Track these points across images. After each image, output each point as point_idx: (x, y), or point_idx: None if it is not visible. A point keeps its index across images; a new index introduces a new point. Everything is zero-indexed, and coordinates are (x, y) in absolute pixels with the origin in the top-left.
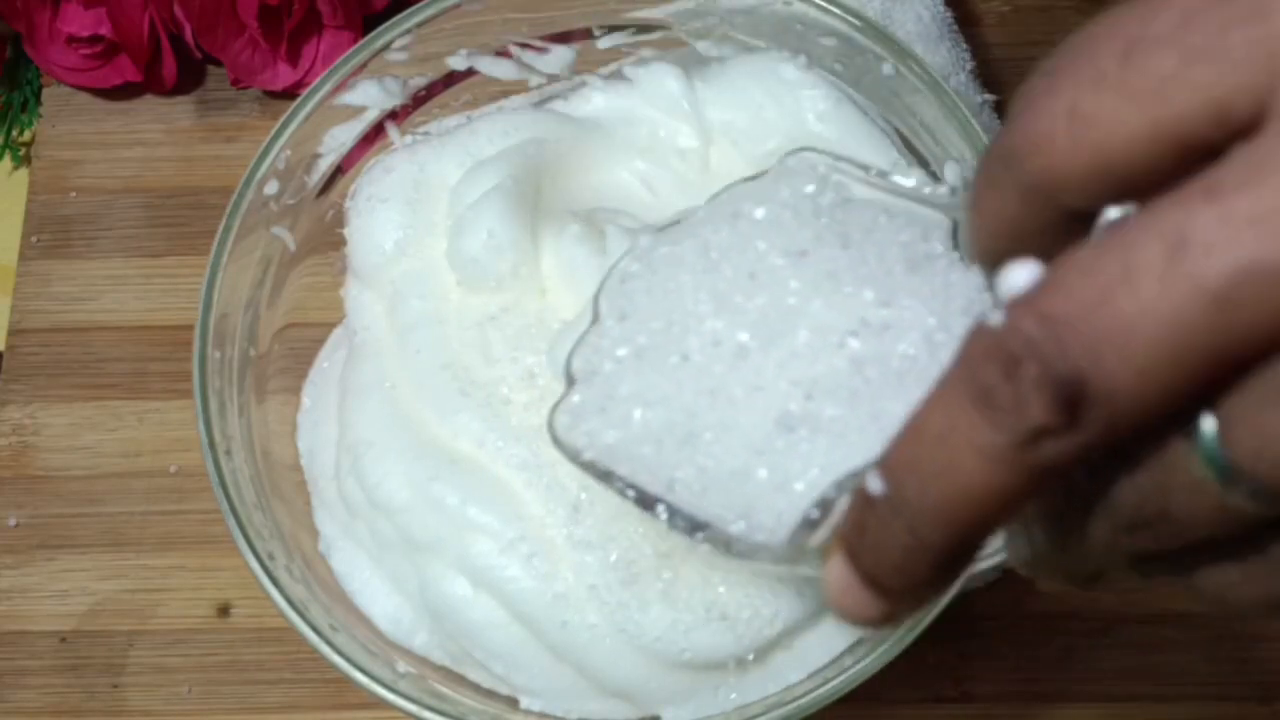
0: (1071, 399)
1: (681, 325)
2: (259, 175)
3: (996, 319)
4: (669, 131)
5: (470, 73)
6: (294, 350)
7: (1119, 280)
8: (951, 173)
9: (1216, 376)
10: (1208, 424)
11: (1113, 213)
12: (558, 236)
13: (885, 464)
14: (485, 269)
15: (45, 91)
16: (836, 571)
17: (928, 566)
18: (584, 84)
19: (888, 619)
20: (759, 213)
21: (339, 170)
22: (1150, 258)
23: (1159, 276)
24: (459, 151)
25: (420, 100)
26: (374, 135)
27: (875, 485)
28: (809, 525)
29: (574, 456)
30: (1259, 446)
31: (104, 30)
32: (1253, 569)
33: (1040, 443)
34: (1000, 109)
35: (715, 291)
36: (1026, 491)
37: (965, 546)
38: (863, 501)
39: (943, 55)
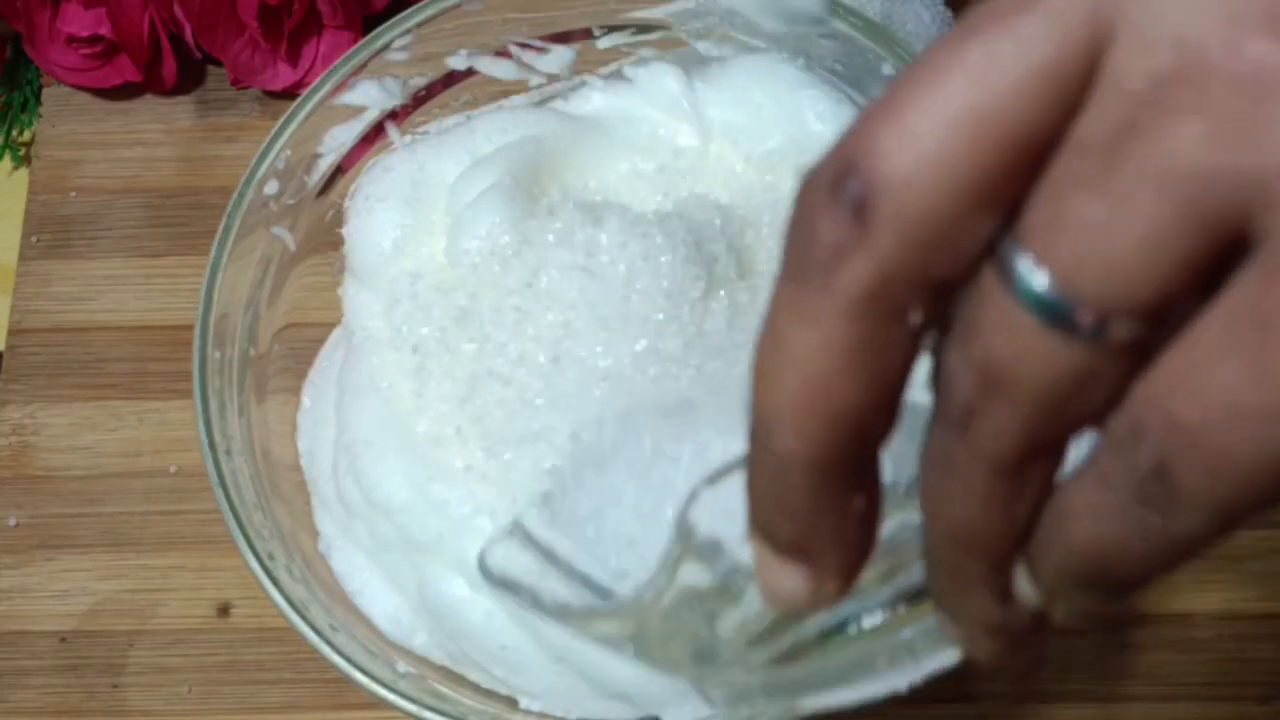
0: (857, 204)
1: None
2: (259, 175)
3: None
4: (669, 130)
5: (470, 73)
6: (294, 350)
7: (909, 83)
8: None
9: (1016, 168)
10: (1008, 243)
11: None
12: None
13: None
14: (484, 267)
15: (45, 91)
16: (754, 550)
17: (804, 493)
18: (584, 84)
19: (818, 591)
20: None
21: (339, 170)
22: (937, 52)
23: (942, 64)
24: (458, 150)
25: (420, 100)
26: (374, 135)
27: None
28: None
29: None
30: (1069, 249)
31: (104, 30)
32: (1111, 472)
33: (839, 269)
34: None
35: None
36: (855, 347)
37: (833, 454)
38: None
39: None
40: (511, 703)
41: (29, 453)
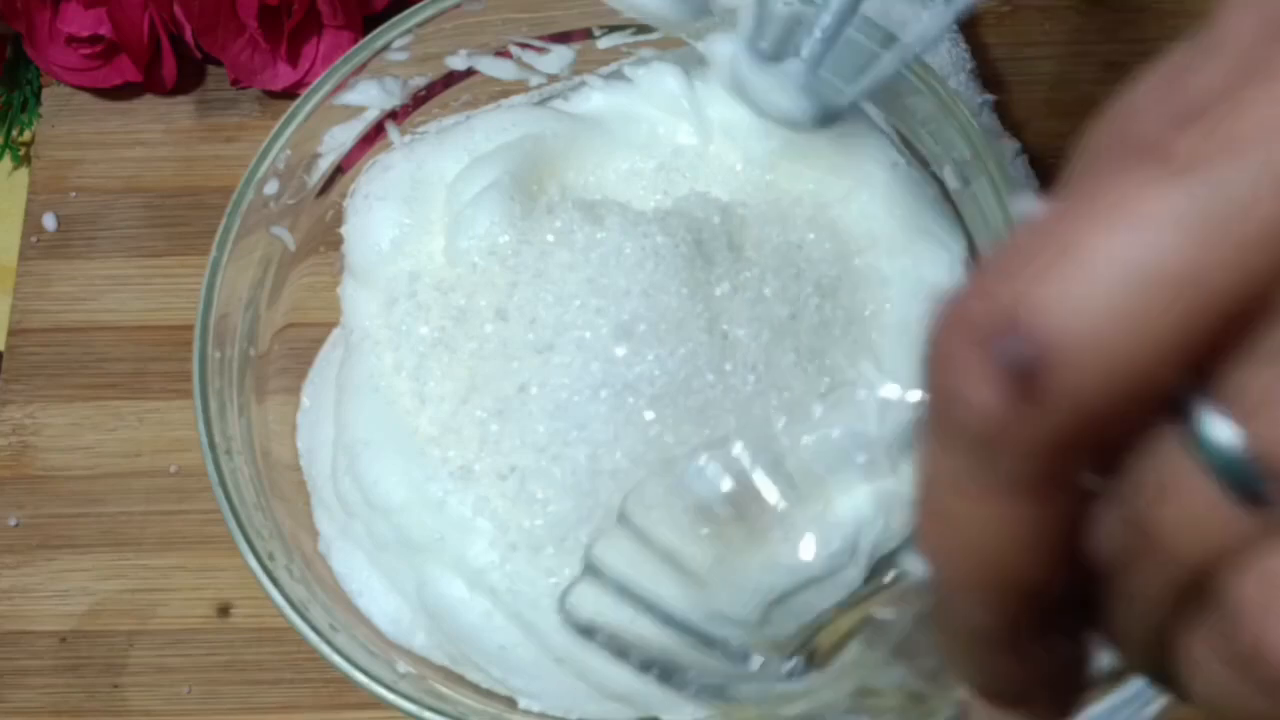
0: (1024, 372)
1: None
2: (259, 175)
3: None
4: (669, 129)
5: (470, 73)
6: (294, 350)
7: (1074, 216)
8: (952, 177)
9: (1216, 332)
10: (1204, 406)
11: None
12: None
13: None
14: (483, 267)
15: (45, 91)
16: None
17: (996, 654)
18: (584, 84)
19: None
20: None
21: (339, 170)
22: (1103, 178)
23: (1117, 199)
24: (457, 148)
25: (420, 100)
26: (374, 135)
27: (919, 568)
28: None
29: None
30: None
31: (104, 30)
32: (1216, 630)
33: (1003, 445)
34: (999, 109)
35: None
36: (1026, 524)
37: (1020, 617)
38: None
39: (942, 55)
40: (511, 703)
41: (29, 453)
